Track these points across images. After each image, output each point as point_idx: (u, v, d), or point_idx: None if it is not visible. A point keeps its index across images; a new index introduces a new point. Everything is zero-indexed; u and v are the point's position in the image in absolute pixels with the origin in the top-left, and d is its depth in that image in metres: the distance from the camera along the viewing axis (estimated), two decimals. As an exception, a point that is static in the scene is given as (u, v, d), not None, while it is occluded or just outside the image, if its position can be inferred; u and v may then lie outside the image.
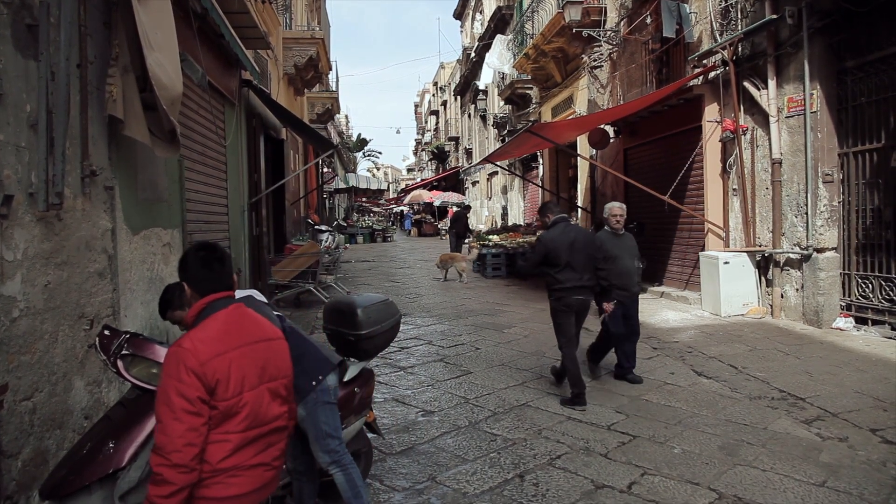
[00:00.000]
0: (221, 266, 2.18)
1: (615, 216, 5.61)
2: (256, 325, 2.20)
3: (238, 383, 2.01)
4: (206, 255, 2.18)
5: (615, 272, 5.34)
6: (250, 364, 2.07)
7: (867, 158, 6.93)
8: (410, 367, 6.31)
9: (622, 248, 5.58)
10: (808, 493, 3.44)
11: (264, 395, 2.10)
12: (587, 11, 12.66)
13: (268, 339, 2.20)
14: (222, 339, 2.04)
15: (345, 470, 2.97)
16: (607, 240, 5.56)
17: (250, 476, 2.04)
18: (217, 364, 1.96)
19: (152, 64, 3.79)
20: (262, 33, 8.44)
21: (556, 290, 5.10)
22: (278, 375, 2.19)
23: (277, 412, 2.16)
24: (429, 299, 10.77)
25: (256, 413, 2.05)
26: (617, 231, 5.63)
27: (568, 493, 3.53)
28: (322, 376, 2.93)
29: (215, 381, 1.95)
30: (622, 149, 12.39)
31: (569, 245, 5.04)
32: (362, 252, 21.57)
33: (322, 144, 13.04)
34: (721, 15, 8.81)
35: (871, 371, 5.47)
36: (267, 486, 2.13)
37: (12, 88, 3.07)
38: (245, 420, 2.02)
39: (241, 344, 2.08)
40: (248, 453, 2.03)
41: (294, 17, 16.30)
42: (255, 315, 2.26)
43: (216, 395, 1.95)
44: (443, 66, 45.55)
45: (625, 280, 5.48)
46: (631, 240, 5.73)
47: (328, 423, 2.95)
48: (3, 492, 2.84)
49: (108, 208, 4.20)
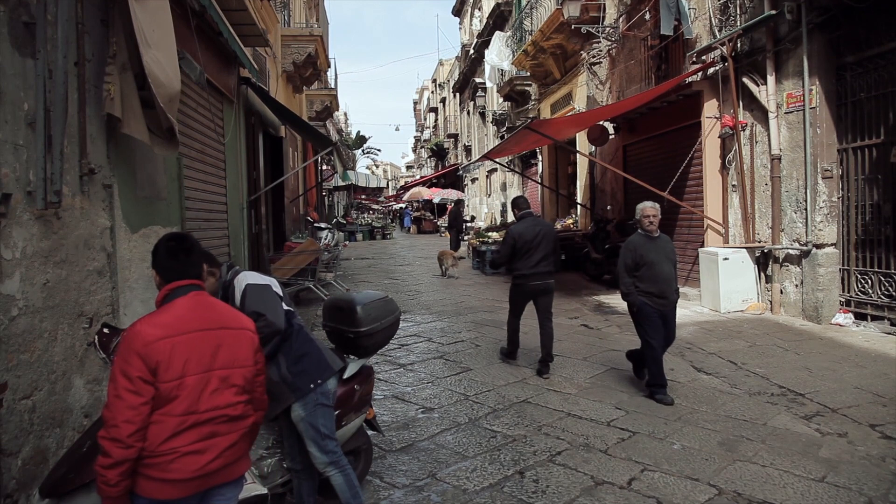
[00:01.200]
0: (187, 256, 2.28)
1: (648, 217, 5.14)
2: (213, 312, 2.24)
3: (179, 367, 2.06)
4: (174, 245, 2.29)
5: (650, 278, 5.03)
6: (197, 350, 2.11)
7: (866, 154, 6.93)
8: (410, 364, 6.31)
9: (658, 251, 5.09)
10: (807, 489, 3.44)
11: (211, 382, 2.12)
12: (586, 8, 12.63)
13: (224, 327, 2.22)
14: (172, 323, 2.11)
15: (343, 471, 2.98)
16: (640, 244, 5.12)
17: (189, 462, 2.04)
18: (160, 346, 2.04)
19: (149, 62, 3.78)
20: (261, 31, 8.42)
21: (516, 277, 5.95)
22: (233, 364, 2.20)
23: (229, 401, 2.16)
24: (428, 296, 10.77)
25: (198, 399, 2.08)
26: (651, 233, 5.14)
27: (568, 489, 3.53)
28: (321, 380, 2.94)
29: (156, 362, 2.02)
30: (621, 145, 12.38)
31: (533, 237, 5.77)
32: (362, 249, 21.56)
33: (321, 142, 13.02)
34: (720, 11, 8.80)
35: (871, 367, 5.47)
36: (212, 476, 2.11)
37: (10, 86, 3.06)
38: (183, 404, 2.05)
39: (191, 330, 2.13)
40: (187, 438, 2.05)
41: (292, 14, 16.26)
42: (215, 303, 2.31)
43: (158, 376, 2.02)
44: (442, 64, 45.47)
45: (662, 287, 5.04)
46: (667, 242, 5.26)
47: (326, 425, 2.97)
48: (3, 490, 2.84)
49: (107, 206, 4.20)
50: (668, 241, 5.28)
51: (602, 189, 13.69)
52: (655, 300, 5.03)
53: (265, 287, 2.92)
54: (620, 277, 5.16)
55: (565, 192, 17.49)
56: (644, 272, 5.03)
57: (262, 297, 2.86)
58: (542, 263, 5.81)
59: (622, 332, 7.44)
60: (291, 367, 2.93)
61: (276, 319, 2.82)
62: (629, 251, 5.12)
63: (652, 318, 5.04)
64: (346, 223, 27.77)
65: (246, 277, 2.95)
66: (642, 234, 5.17)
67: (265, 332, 2.80)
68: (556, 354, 6.43)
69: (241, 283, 2.91)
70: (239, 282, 2.93)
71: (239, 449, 2.21)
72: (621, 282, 5.15)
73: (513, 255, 5.85)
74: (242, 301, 2.86)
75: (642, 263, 5.03)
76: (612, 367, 5.95)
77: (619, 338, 7.19)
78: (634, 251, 5.08)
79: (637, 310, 5.08)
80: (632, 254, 5.09)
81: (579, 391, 5.30)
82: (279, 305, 2.89)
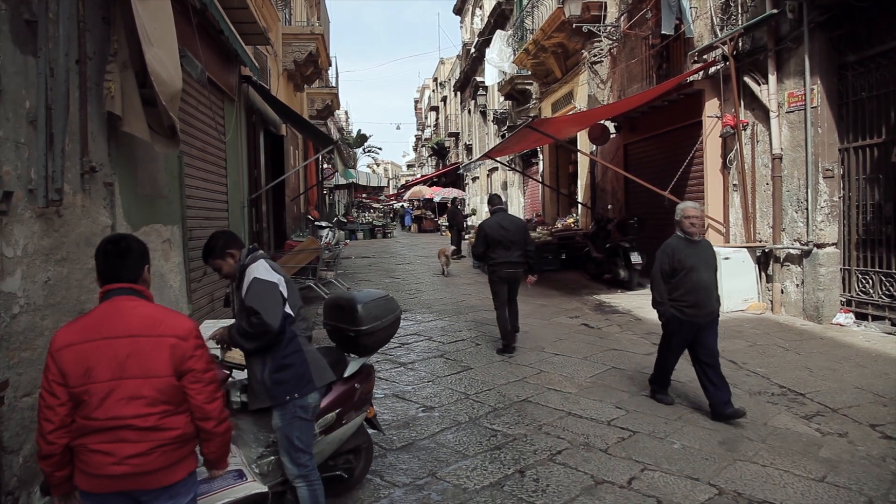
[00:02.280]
0: (118, 259, 2.23)
1: (690, 218, 4.64)
2: (125, 319, 2.15)
3: (81, 374, 2.07)
4: (110, 248, 2.25)
5: (688, 287, 4.56)
6: (104, 358, 2.09)
7: (868, 154, 6.92)
8: (411, 363, 6.31)
9: (699, 257, 4.62)
10: (807, 489, 3.44)
11: (116, 391, 2.08)
12: (587, 6, 12.62)
13: (135, 335, 2.13)
14: (83, 329, 2.13)
15: (311, 486, 2.98)
16: (679, 248, 4.63)
17: (98, 460, 2.08)
18: (66, 353, 2.09)
19: (151, 59, 3.78)
20: (262, 29, 8.41)
21: (491, 265, 6.62)
22: (143, 374, 2.11)
23: (137, 412, 2.09)
24: (429, 295, 10.78)
25: (99, 406, 2.07)
26: (692, 236, 4.66)
27: (568, 488, 3.54)
28: (298, 395, 2.92)
29: (64, 367, 2.08)
30: (622, 144, 12.37)
31: (503, 230, 6.51)
32: (362, 248, 21.56)
33: (322, 140, 13.03)
34: (721, 10, 8.79)
35: (871, 366, 5.47)
36: (123, 480, 2.10)
37: (11, 84, 3.06)
38: (87, 409, 2.08)
39: (99, 337, 2.11)
40: (95, 438, 2.09)
41: (293, 12, 16.26)
42: (133, 309, 2.19)
43: (66, 380, 2.08)
44: (442, 62, 45.43)
45: (700, 297, 4.55)
46: (708, 247, 4.79)
47: (302, 438, 2.95)
48: (4, 487, 2.85)
49: (108, 204, 4.20)
50: (710, 247, 4.82)
51: (603, 188, 13.68)
52: (689, 311, 4.56)
53: (271, 285, 2.87)
54: (654, 284, 4.71)
55: (566, 192, 17.48)
56: (681, 279, 4.58)
57: (262, 294, 2.83)
58: (512, 254, 6.51)
59: (623, 332, 7.44)
60: (272, 374, 2.90)
61: (271, 320, 2.77)
62: (666, 255, 4.64)
63: (680, 333, 4.63)
64: (347, 222, 27.78)
65: (257, 269, 2.90)
66: (682, 238, 4.68)
67: (256, 330, 2.79)
68: (557, 354, 6.49)
69: (252, 273, 2.88)
70: (250, 271, 2.90)
71: (157, 459, 2.12)
72: (654, 289, 4.69)
73: (487, 246, 6.57)
74: (247, 293, 2.85)
75: (680, 269, 4.57)
76: (612, 367, 5.95)
77: (620, 337, 7.19)
78: (672, 255, 4.60)
79: (666, 321, 4.72)
80: (669, 258, 4.62)
81: (580, 390, 5.30)
82: (279, 307, 2.85)
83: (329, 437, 3.29)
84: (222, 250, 3.01)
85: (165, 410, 2.15)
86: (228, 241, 3.05)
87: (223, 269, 3.04)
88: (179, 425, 2.18)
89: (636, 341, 6.94)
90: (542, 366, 6.05)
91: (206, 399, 2.22)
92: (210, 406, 2.23)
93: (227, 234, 3.14)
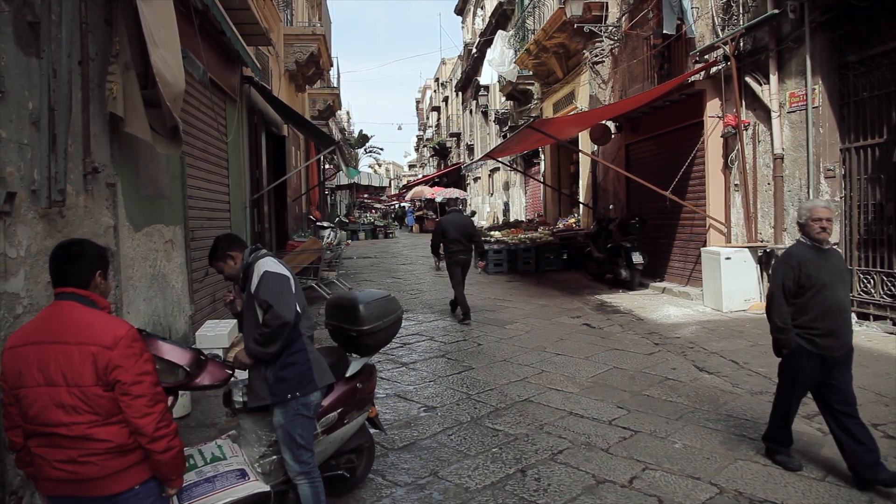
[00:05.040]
0: (65, 265, 2.20)
1: (820, 220, 3.54)
2: (58, 326, 2.10)
3: (15, 377, 2.10)
4: (59, 252, 2.23)
5: (821, 310, 3.49)
6: (32, 362, 2.08)
7: (869, 153, 6.91)
8: (412, 363, 6.32)
9: (831, 271, 3.54)
10: (808, 488, 3.45)
11: (44, 397, 2.05)
12: (589, 7, 12.62)
13: (60, 342, 2.07)
14: (24, 333, 2.16)
15: (312, 483, 2.98)
16: (807, 258, 3.54)
17: (38, 465, 2.13)
18: (7, 354, 2.13)
19: (157, 60, 3.79)
20: (264, 30, 8.43)
21: (448, 253, 8.43)
22: (65, 383, 2.04)
23: (60, 419, 2.04)
24: (431, 295, 10.78)
25: (31, 410, 2.08)
26: (820, 244, 3.57)
27: (570, 487, 3.54)
28: (300, 393, 2.94)
29: (4, 369, 2.14)
30: (624, 144, 12.37)
31: (457, 226, 8.42)
32: (364, 248, 21.57)
33: (323, 141, 13.04)
34: (723, 10, 8.79)
35: (873, 366, 5.47)
36: (62, 485, 2.12)
37: (14, 86, 3.08)
38: (25, 412, 2.10)
39: (35, 341, 2.11)
40: (34, 442, 2.13)
41: (295, 13, 16.28)
42: (68, 314, 2.13)
43: (6, 382, 2.14)
44: (444, 62, 45.41)
45: (835, 322, 3.51)
46: (840, 259, 3.73)
47: (303, 435, 2.96)
48: (7, 487, 2.86)
49: (111, 205, 4.21)
50: (841, 258, 3.77)
51: (604, 188, 13.68)
52: (821, 341, 3.50)
53: (283, 278, 2.90)
54: (775, 305, 3.58)
55: (567, 192, 17.49)
56: (808, 299, 3.51)
57: (276, 287, 2.84)
58: (461, 244, 8.35)
59: (624, 332, 7.45)
60: (276, 372, 2.92)
61: (285, 312, 2.80)
62: (790, 268, 3.54)
63: (807, 370, 3.55)
64: (349, 222, 27.81)
65: (266, 264, 2.93)
66: (808, 246, 3.59)
67: (272, 325, 2.81)
68: (559, 354, 6.51)
69: (261, 268, 2.90)
70: (258, 267, 2.92)
71: (93, 468, 2.07)
72: (775, 311, 3.57)
73: (443, 238, 8.39)
74: (258, 287, 2.86)
75: (808, 287, 3.50)
76: (614, 367, 5.95)
77: (622, 337, 7.20)
78: (798, 269, 3.51)
79: (789, 353, 3.60)
80: (794, 272, 3.52)
81: (581, 390, 5.30)
82: (291, 298, 2.87)
83: (331, 437, 3.30)
84: (223, 252, 3.04)
85: (93, 420, 2.06)
86: (229, 242, 3.08)
87: (225, 270, 3.07)
88: (111, 437, 2.07)
89: (638, 341, 6.94)
90: (544, 365, 6.05)
91: (135, 413, 2.08)
92: (141, 421, 2.09)
93: (229, 236, 3.18)
